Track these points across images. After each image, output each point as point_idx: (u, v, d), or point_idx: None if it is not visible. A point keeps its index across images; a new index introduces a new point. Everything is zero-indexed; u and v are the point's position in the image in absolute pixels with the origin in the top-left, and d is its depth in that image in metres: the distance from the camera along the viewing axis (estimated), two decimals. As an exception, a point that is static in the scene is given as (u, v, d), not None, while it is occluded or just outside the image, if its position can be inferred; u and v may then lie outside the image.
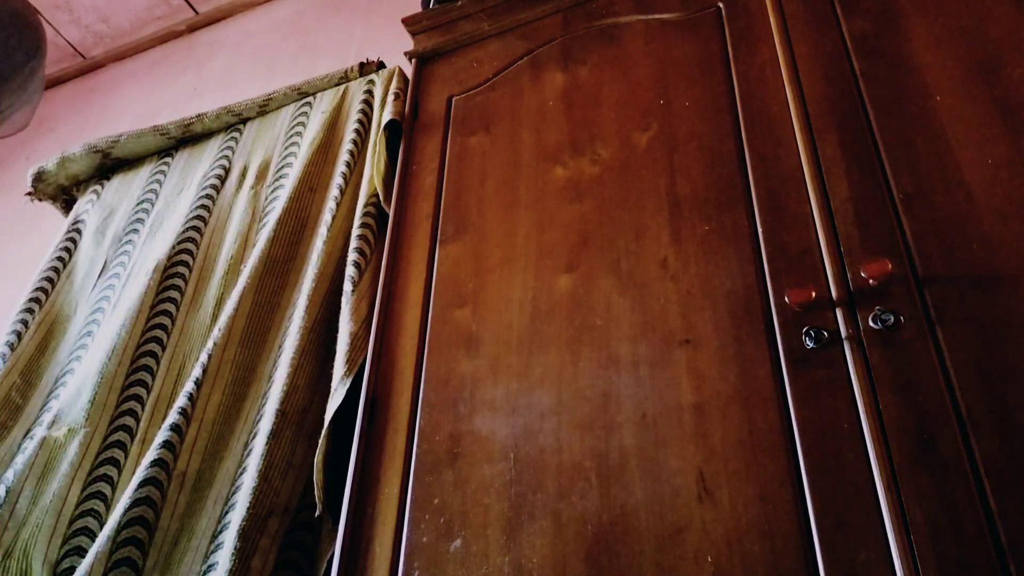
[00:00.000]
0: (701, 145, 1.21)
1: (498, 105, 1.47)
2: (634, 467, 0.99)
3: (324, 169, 1.69)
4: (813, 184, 1.08)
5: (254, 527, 1.18)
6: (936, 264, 0.96)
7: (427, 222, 1.38)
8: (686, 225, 1.14)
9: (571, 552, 0.96)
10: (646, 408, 1.02)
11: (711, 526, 0.91)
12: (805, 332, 0.97)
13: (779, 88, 1.19)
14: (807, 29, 1.23)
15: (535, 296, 1.19)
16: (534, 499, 1.01)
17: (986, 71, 1.07)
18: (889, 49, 1.15)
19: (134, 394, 1.50)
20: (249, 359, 1.45)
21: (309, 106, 1.88)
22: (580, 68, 1.42)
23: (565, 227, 1.24)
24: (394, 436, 1.16)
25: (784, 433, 0.93)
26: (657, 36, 1.38)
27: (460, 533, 1.03)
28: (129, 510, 1.25)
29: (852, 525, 0.85)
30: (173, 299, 1.63)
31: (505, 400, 1.11)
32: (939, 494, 0.83)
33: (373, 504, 1.11)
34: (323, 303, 1.42)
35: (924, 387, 0.89)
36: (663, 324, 1.08)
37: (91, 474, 1.39)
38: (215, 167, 1.87)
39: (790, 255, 1.05)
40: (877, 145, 1.08)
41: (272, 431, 1.27)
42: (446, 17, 1.64)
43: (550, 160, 1.33)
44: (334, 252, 1.48)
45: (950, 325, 0.92)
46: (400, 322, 1.28)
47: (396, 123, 1.57)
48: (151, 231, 1.85)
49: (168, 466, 1.31)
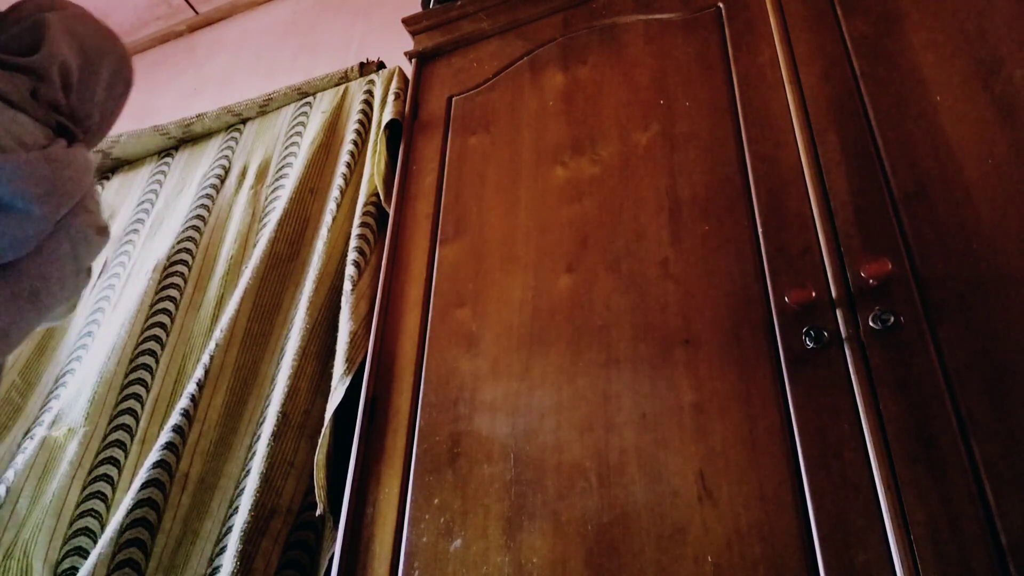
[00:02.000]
0: (701, 145, 1.21)
1: (498, 105, 1.47)
2: (634, 467, 0.99)
3: (324, 169, 1.69)
4: (813, 184, 1.08)
5: (256, 528, 1.18)
6: (936, 264, 0.96)
7: (427, 222, 1.38)
8: (686, 225, 1.14)
9: (571, 552, 0.96)
10: (646, 408, 1.02)
11: (711, 526, 0.91)
12: (805, 332, 0.97)
13: (779, 88, 1.19)
14: (807, 29, 1.23)
15: (535, 296, 1.19)
16: (534, 499, 1.01)
17: (986, 71, 1.07)
18: (889, 49, 1.15)
19: (133, 393, 1.50)
20: (251, 360, 1.45)
21: (309, 106, 1.88)
22: (580, 68, 1.42)
23: (565, 227, 1.24)
24: (394, 436, 1.16)
25: (784, 433, 0.93)
26: (657, 36, 1.38)
27: (460, 533, 1.03)
28: (131, 511, 1.25)
29: (852, 525, 0.85)
30: (173, 298, 1.63)
31: (505, 400, 1.11)
32: (939, 494, 0.83)
33: (373, 504, 1.11)
34: (324, 304, 1.42)
35: (924, 387, 0.89)
36: (663, 324, 1.08)
37: (91, 474, 1.39)
38: (215, 167, 1.87)
39: (790, 255, 1.05)
40: (877, 145, 1.08)
41: (274, 432, 1.27)
42: (446, 17, 1.64)
43: (550, 160, 1.33)
44: (335, 252, 1.48)
45: (950, 325, 0.92)
46: (400, 322, 1.28)
47: (397, 123, 1.57)
48: (151, 231, 1.85)
49: (170, 467, 1.31)
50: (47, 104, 0.84)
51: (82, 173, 0.83)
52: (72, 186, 0.81)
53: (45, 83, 0.84)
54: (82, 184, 0.82)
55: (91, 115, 0.90)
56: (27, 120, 0.81)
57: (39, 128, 0.82)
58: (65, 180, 0.80)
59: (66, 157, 0.82)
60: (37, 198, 0.76)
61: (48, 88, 0.84)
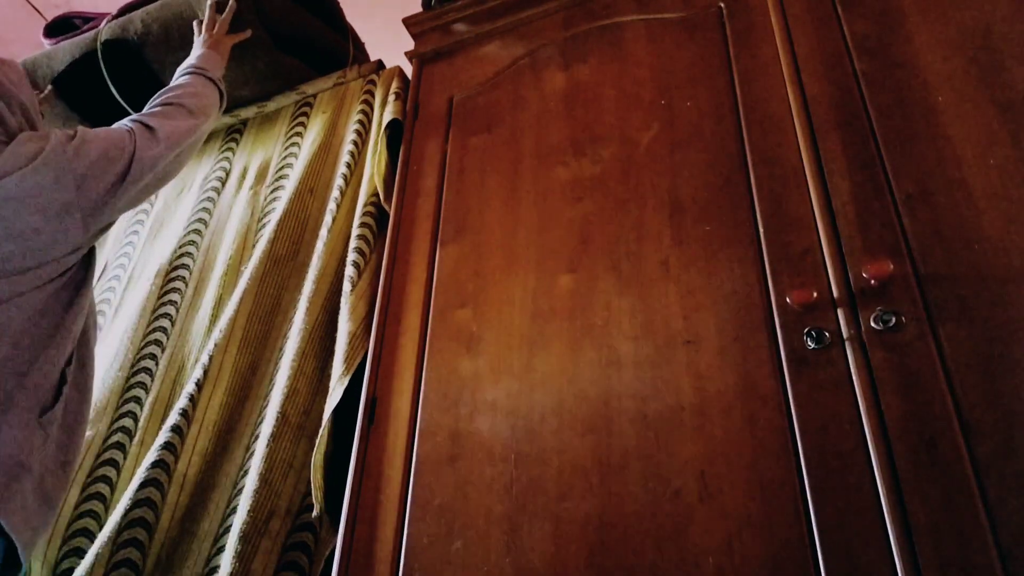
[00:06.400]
0: (702, 145, 1.21)
1: (499, 105, 1.46)
2: (635, 467, 0.98)
3: (324, 170, 1.69)
4: (814, 184, 1.08)
5: (255, 529, 1.18)
6: (937, 264, 0.96)
7: (428, 222, 1.38)
8: (687, 225, 1.14)
9: (572, 553, 0.96)
10: (647, 409, 1.02)
11: (712, 527, 0.91)
12: (806, 333, 0.97)
13: (780, 88, 1.19)
14: (808, 29, 1.23)
15: (536, 296, 1.19)
16: (535, 499, 1.01)
17: (987, 71, 1.07)
18: (890, 49, 1.15)
19: (133, 396, 1.49)
20: (250, 361, 1.45)
21: (309, 107, 1.88)
22: (581, 68, 1.42)
23: (566, 227, 1.24)
24: (394, 436, 1.16)
25: (785, 434, 0.93)
26: (658, 36, 1.38)
27: (461, 534, 1.03)
28: (129, 511, 1.25)
29: (853, 526, 0.85)
30: (174, 301, 1.63)
31: (506, 400, 1.11)
32: (940, 494, 0.83)
33: (373, 505, 1.11)
34: (324, 305, 1.42)
35: (925, 387, 0.89)
36: (664, 324, 1.07)
37: (90, 475, 1.39)
38: (216, 169, 1.87)
39: (791, 255, 1.05)
40: (878, 145, 1.08)
41: (273, 433, 1.26)
42: (447, 17, 1.64)
43: (551, 160, 1.33)
44: (334, 253, 1.48)
45: (951, 325, 0.92)
46: (401, 322, 1.28)
47: (397, 123, 1.57)
48: (151, 232, 1.85)
49: (169, 467, 1.30)
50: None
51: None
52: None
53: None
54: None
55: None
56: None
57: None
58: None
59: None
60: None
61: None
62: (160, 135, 1.19)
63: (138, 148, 1.14)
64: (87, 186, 1.06)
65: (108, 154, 1.10)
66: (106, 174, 1.09)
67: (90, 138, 1.10)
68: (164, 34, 1.78)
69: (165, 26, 1.78)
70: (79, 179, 1.05)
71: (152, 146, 1.17)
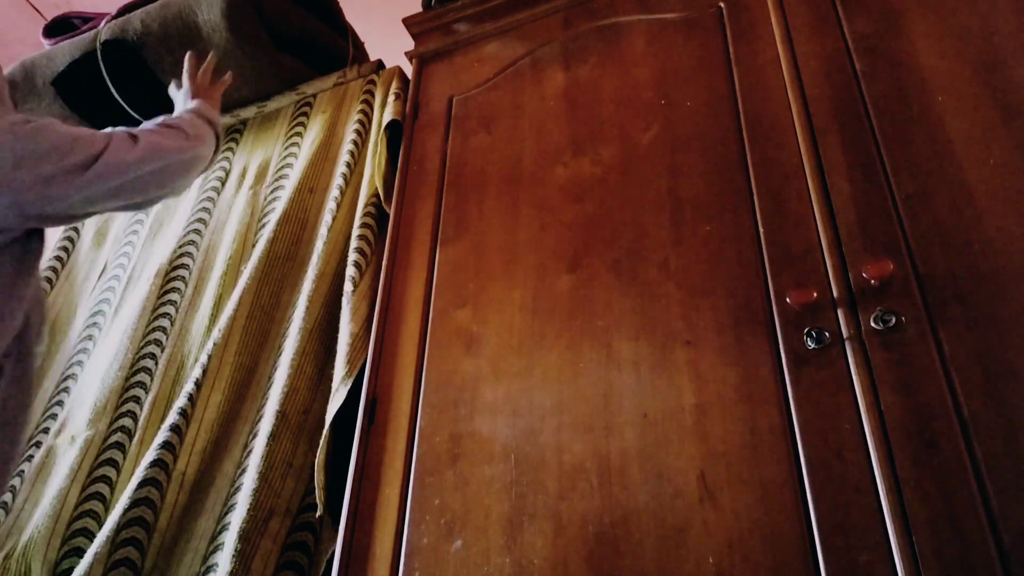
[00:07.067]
0: (702, 145, 1.21)
1: (499, 105, 1.46)
2: (635, 468, 0.98)
3: (324, 170, 1.69)
4: (814, 184, 1.08)
5: (255, 529, 1.18)
6: (937, 264, 0.96)
7: (428, 222, 1.38)
8: (687, 225, 1.14)
9: (572, 553, 0.96)
10: (647, 409, 1.02)
11: (712, 527, 0.91)
12: (807, 333, 0.97)
13: (780, 88, 1.19)
14: (808, 29, 1.23)
15: (536, 296, 1.19)
16: (535, 500, 1.01)
17: (987, 71, 1.07)
18: (890, 49, 1.15)
19: (133, 396, 1.49)
20: (249, 360, 1.45)
21: (309, 107, 1.88)
22: (581, 68, 1.42)
23: (566, 227, 1.24)
24: (394, 437, 1.16)
25: (785, 434, 0.93)
26: (658, 36, 1.38)
27: (461, 534, 1.03)
28: (128, 511, 1.25)
29: (854, 526, 0.85)
30: (173, 301, 1.62)
31: (506, 400, 1.11)
32: (941, 494, 0.83)
33: (373, 505, 1.11)
34: (323, 304, 1.42)
35: (925, 387, 0.89)
36: (664, 324, 1.07)
37: (90, 475, 1.39)
38: (216, 169, 1.87)
39: (791, 255, 1.05)
40: (878, 145, 1.08)
41: (272, 432, 1.26)
42: (447, 17, 1.64)
43: (551, 160, 1.33)
44: (334, 252, 1.48)
45: (951, 325, 0.92)
46: (401, 322, 1.28)
47: (397, 123, 1.57)
48: (151, 232, 1.85)
49: (167, 467, 1.30)
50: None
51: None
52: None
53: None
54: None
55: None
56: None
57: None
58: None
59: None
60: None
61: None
62: (141, 143, 1.16)
63: (111, 148, 1.11)
64: (25, 166, 1.00)
65: (66, 144, 1.04)
66: (60, 161, 1.02)
67: (54, 127, 1.05)
68: (164, 34, 1.78)
69: (165, 26, 1.78)
70: (18, 160, 1.00)
71: (128, 150, 1.13)
